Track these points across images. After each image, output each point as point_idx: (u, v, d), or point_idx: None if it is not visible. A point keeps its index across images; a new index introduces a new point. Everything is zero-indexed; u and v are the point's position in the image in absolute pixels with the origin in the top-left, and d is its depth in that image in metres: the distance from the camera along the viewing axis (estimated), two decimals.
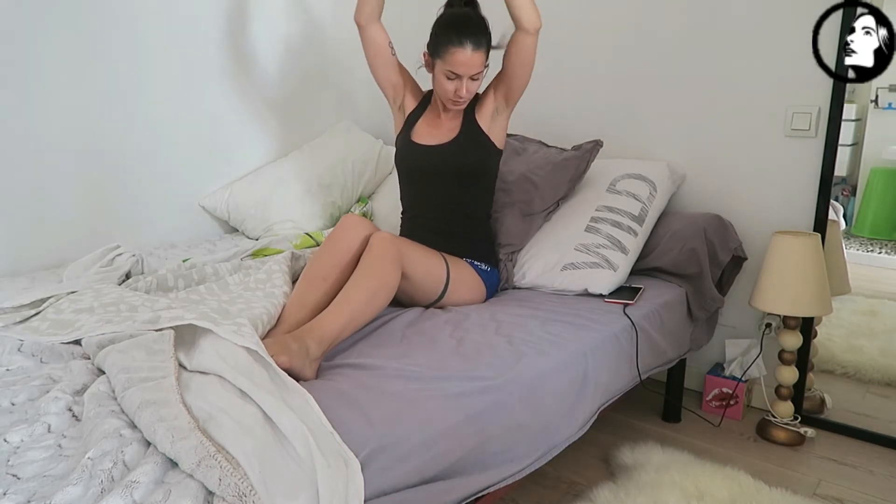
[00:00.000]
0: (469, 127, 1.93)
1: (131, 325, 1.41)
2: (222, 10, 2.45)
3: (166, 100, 2.32)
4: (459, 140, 1.91)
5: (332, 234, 1.70)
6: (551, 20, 2.56)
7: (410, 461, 1.14)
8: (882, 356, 2.15)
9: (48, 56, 2.02)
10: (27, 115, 2.00)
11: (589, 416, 1.58)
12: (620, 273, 1.95)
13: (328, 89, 2.90)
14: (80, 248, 2.09)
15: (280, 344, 1.34)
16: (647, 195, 2.13)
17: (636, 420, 2.21)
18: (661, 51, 2.33)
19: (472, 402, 1.29)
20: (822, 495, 1.80)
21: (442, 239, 1.90)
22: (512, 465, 1.36)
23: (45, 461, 1.02)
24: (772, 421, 2.09)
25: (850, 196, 2.15)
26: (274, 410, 1.08)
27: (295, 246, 2.23)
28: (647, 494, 1.67)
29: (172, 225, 2.41)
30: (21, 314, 1.58)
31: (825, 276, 1.96)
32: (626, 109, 2.43)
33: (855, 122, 2.08)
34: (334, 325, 1.46)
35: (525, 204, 2.11)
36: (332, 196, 2.60)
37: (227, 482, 0.93)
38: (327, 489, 0.98)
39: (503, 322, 1.67)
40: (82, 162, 2.13)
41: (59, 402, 1.17)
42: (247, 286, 1.71)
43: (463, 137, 1.91)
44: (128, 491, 0.91)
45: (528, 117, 2.56)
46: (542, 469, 1.59)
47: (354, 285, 1.54)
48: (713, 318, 2.20)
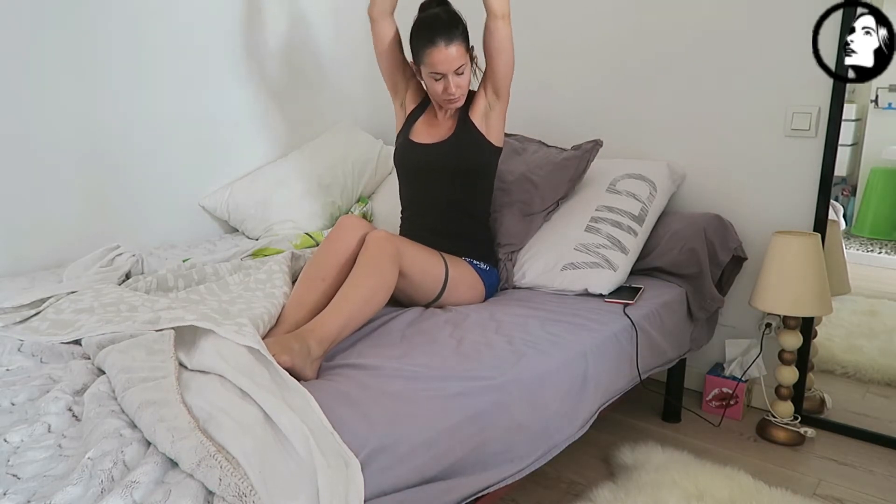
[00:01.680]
0: (463, 125, 1.93)
1: (131, 325, 1.41)
2: (222, 11, 2.45)
3: (166, 100, 2.33)
4: (454, 138, 1.92)
5: (330, 234, 1.71)
6: (552, 20, 2.57)
7: (410, 461, 1.14)
8: (882, 356, 2.15)
9: (48, 55, 2.02)
10: (27, 116, 2.00)
11: (589, 416, 1.58)
12: (620, 273, 1.95)
13: (328, 89, 2.90)
14: (80, 248, 2.09)
15: (282, 344, 1.34)
16: (647, 195, 2.13)
17: (636, 420, 2.21)
18: (661, 50, 2.33)
19: (472, 402, 1.29)
20: (822, 495, 1.80)
21: (440, 238, 1.90)
22: (512, 465, 1.36)
23: (45, 461, 1.02)
24: (772, 421, 2.09)
25: (850, 196, 2.15)
26: (274, 410, 1.08)
27: (295, 246, 2.23)
28: (647, 494, 1.67)
29: (172, 225, 2.41)
30: (21, 314, 1.58)
31: (825, 276, 1.96)
32: (626, 109, 2.43)
33: (855, 122, 2.08)
34: (334, 324, 1.46)
35: (525, 204, 2.11)
36: (332, 196, 2.60)
37: (228, 482, 0.93)
38: (327, 489, 0.98)
39: (503, 322, 1.67)
40: (82, 162, 2.13)
41: (59, 402, 1.17)
42: (247, 286, 1.71)
43: (458, 136, 1.92)
44: (128, 491, 0.91)
45: (527, 117, 2.56)
46: (542, 469, 1.59)
47: (353, 285, 1.55)
48: (713, 318, 2.20)
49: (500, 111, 1.96)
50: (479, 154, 1.93)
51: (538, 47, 2.53)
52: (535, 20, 2.55)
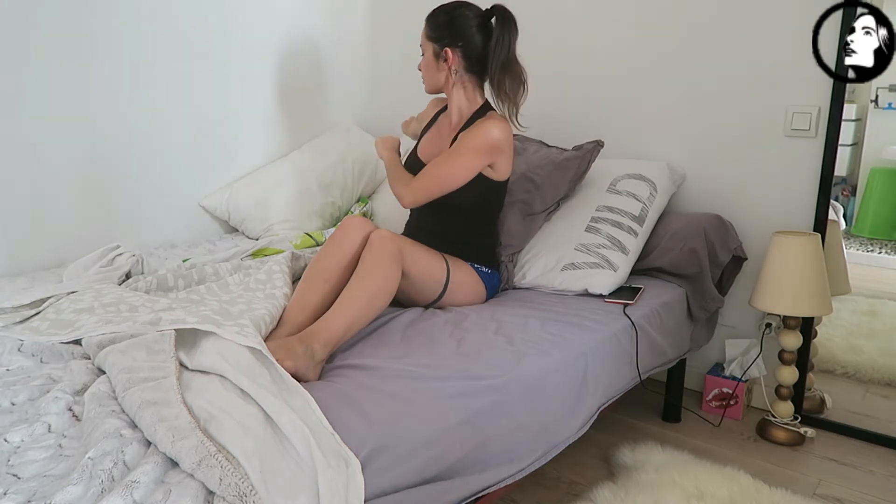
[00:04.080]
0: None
1: (132, 325, 1.41)
2: (223, 11, 2.44)
3: (166, 100, 2.32)
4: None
5: (333, 235, 1.70)
6: (552, 20, 2.57)
7: (410, 461, 1.14)
8: (882, 356, 2.15)
9: (48, 55, 2.01)
10: (27, 116, 2.00)
11: (589, 416, 1.58)
12: (620, 273, 1.95)
13: (328, 89, 2.90)
14: (80, 248, 2.09)
15: (285, 347, 1.34)
16: (648, 195, 2.13)
17: (636, 420, 2.21)
18: (661, 50, 2.33)
19: (472, 402, 1.29)
20: (822, 495, 1.80)
21: (441, 241, 1.89)
22: (512, 465, 1.35)
23: (45, 461, 1.02)
24: (772, 421, 2.09)
25: (850, 196, 2.15)
26: (275, 410, 1.08)
27: (295, 246, 2.23)
28: (647, 494, 1.67)
29: (172, 225, 2.41)
30: (21, 314, 1.58)
31: (825, 276, 1.96)
32: (627, 109, 2.43)
33: (855, 122, 2.08)
34: (338, 326, 1.46)
35: (525, 204, 2.11)
36: (332, 196, 2.60)
37: (228, 482, 0.93)
38: (327, 489, 0.98)
39: (503, 322, 1.67)
40: (82, 162, 2.13)
41: (60, 401, 1.17)
42: (247, 286, 1.71)
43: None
44: (128, 491, 0.91)
45: (528, 117, 2.55)
46: (542, 469, 1.59)
47: (356, 286, 1.54)
48: (713, 318, 2.20)
49: (498, 163, 1.87)
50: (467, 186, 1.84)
51: (539, 48, 2.53)
52: (535, 20, 2.55)
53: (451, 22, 1.84)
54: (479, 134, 1.81)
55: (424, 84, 1.95)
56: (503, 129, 1.82)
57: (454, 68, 1.87)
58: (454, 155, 1.82)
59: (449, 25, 1.84)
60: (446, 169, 1.82)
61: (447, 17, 1.85)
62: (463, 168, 1.81)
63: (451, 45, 1.84)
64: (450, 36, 1.84)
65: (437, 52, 1.87)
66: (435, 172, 1.82)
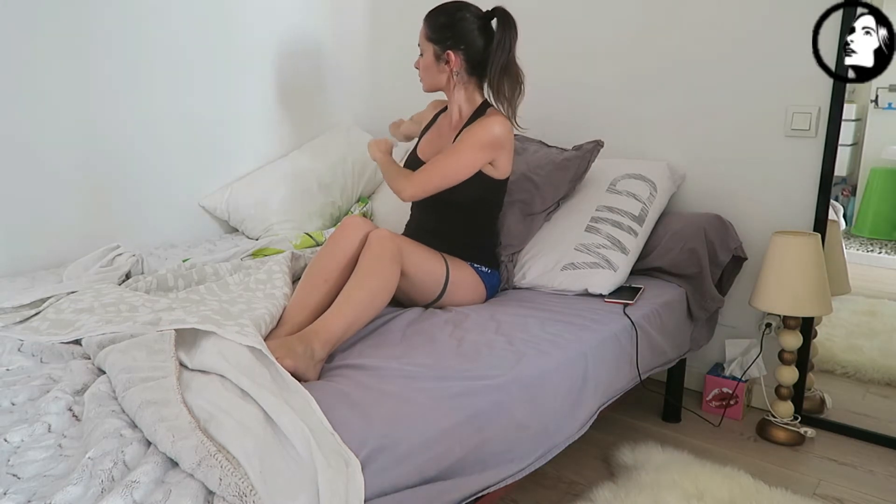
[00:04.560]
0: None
1: (132, 325, 1.41)
2: (222, 11, 2.45)
3: (166, 100, 2.32)
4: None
5: (333, 234, 1.70)
6: (552, 20, 2.57)
7: (410, 461, 1.14)
8: (882, 356, 2.15)
9: (48, 55, 2.02)
10: (27, 115, 2.00)
11: (589, 416, 1.58)
12: (620, 273, 1.95)
13: (328, 89, 2.90)
14: (80, 248, 2.09)
15: (285, 347, 1.34)
16: (648, 195, 2.13)
17: (636, 420, 2.21)
18: (661, 51, 2.33)
19: (472, 402, 1.29)
20: (822, 495, 1.80)
21: (441, 241, 1.89)
22: (512, 465, 1.36)
23: (45, 461, 1.02)
24: (772, 421, 2.09)
25: (850, 196, 2.15)
26: (275, 410, 1.08)
27: (295, 246, 2.23)
28: (647, 494, 1.67)
29: (172, 225, 2.41)
30: (21, 314, 1.58)
31: (825, 276, 1.96)
32: (627, 109, 2.43)
33: (855, 122, 2.08)
34: (338, 326, 1.46)
35: (525, 204, 2.11)
36: (332, 196, 2.60)
37: (228, 482, 0.93)
38: (327, 489, 0.98)
39: (503, 322, 1.67)
40: (82, 162, 2.13)
41: (60, 401, 1.17)
42: (247, 286, 1.71)
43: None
44: (128, 491, 0.91)
45: (528, 117, 2.56)
46: (542, 469, 1.59)
47: (356, 285, 1.54)
48: (713, 318, 2.20)
49: (499, 160, 1.88)
50: (467, 183, 1.85)
51: (539, 48, 2.53)
52: (536, 21, 2.55)
53: (453, 24, 1.84)
54: (482, 130, 1.81)
55: (422, 83, 1.95)
56: (504, 126, 1.83)
57: (455, 70, 1.87)
58: (456, 150, 1.82)
59: (450, 27, 1.84)
60: (448, 163, 1.82)
61: (448, 18, 1.85)
62: (465, 163, 1.82)
63: (453, 47, 1.84)
64: (451, 38, 1.84)
65: (437, 53, 1.87)
66: (437, 166, 1.82)
